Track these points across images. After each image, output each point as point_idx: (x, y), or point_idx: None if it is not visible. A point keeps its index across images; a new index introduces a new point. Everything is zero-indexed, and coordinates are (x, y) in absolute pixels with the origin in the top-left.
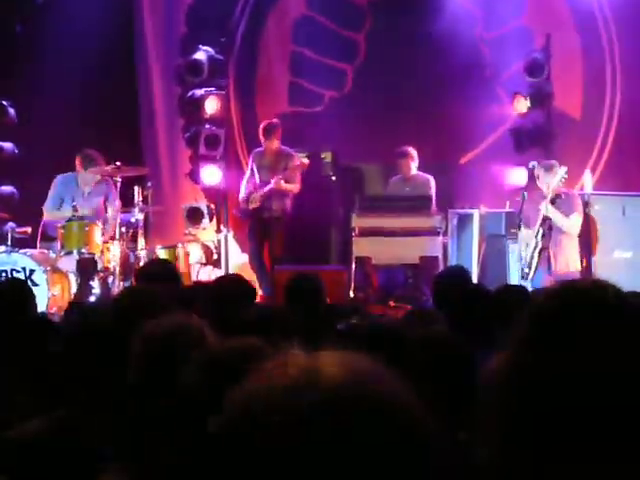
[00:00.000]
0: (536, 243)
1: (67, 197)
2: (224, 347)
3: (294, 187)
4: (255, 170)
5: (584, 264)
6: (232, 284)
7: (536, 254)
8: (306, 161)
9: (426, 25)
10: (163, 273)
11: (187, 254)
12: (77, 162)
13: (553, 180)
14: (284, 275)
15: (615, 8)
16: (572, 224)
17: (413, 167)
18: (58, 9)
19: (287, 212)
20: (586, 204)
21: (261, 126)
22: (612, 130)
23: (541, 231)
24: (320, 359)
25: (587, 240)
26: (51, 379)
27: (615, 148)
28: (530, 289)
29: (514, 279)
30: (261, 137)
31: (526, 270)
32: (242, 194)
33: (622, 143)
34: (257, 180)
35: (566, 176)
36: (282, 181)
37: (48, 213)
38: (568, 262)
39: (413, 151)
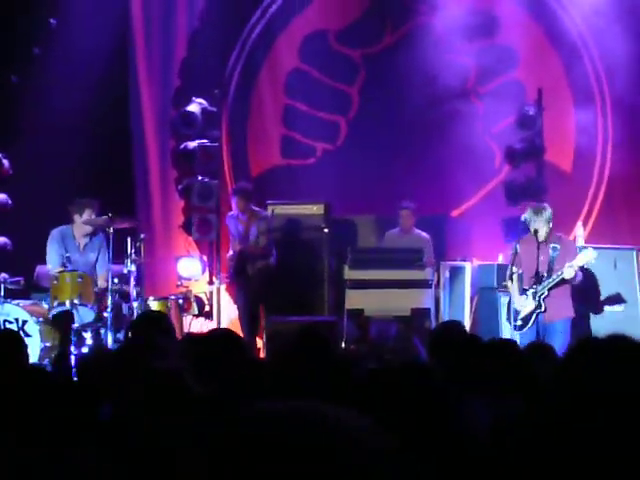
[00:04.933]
0: (538, 302)
1: (66, 252)
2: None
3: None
4: (234, 235)
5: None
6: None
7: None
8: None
9: (419, 78)
10: (157, 325)
11: (179, 306)
12: (71, 211)
13: (541, 223)
14: (276, 326)
15: (607, 64)
16: (580, 276)
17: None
18: (53, 60)
19: (271, 266)
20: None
21: (232, 188)
22: (603, 183)
23: (545, 292)
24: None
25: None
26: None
27: (606, 202)
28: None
29: (506, 332)
30: (232, 199)
31: (519, 323)
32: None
33: (613, 197)
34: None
35: (551, 217)
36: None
37: (55, 271)
38: (560, 309)
39: (414, 206)
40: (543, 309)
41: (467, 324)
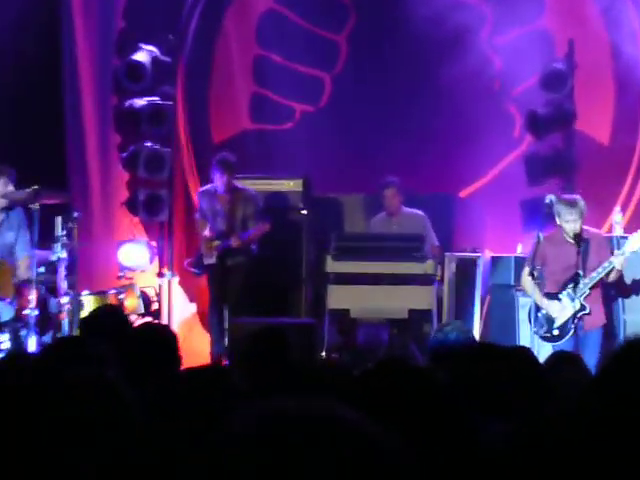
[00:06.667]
0: (581, 304)
1: None
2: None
3: (262, 230)
4: (207, 214)
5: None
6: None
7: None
8: (267, 226)
9: (422, 26)
10: (111, 324)
11: (121, 302)
12: None
13: (573, 218)
14: (241, 329)
15: None
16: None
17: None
18: None
19: (252, 256)
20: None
21: (215, 159)
22: None
23: (587, 292)
24: None
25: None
26: None
27: None
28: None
29: (525, 339)
30: (214, 172)
31: (556, 332)
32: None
33: None
34: (209, 227)
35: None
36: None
37: None
38: (598, 316)
39: (399, 181)
40: (588, 311)
41: (477, 329)
